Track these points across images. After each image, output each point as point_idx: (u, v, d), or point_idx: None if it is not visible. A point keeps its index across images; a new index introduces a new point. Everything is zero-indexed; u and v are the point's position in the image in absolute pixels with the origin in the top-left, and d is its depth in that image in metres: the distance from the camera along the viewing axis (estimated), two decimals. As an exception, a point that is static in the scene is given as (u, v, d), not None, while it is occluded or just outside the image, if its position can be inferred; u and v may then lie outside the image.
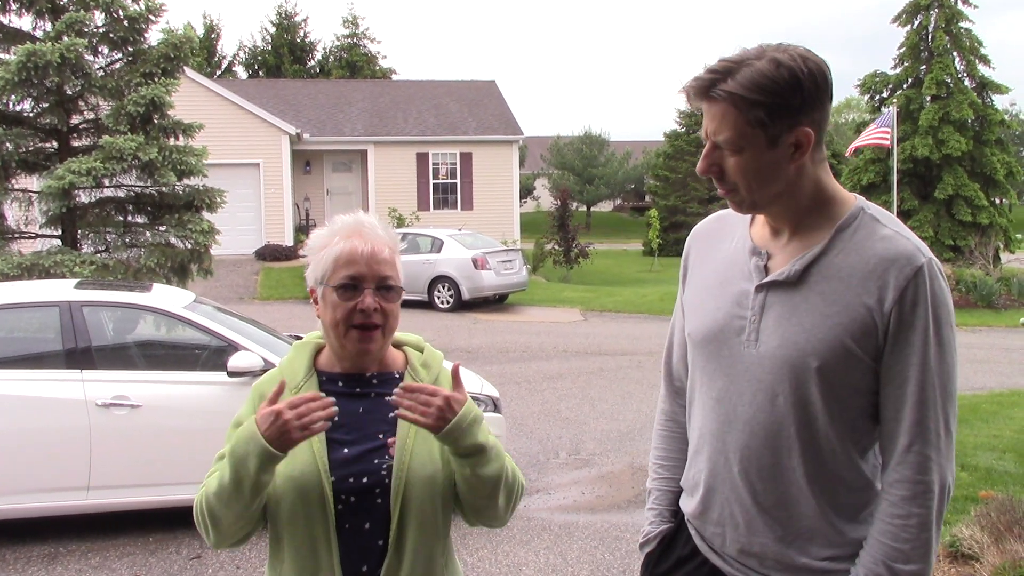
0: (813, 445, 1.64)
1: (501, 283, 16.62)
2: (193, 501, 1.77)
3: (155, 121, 10.80)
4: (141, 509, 5.21)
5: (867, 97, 30.90)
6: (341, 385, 1.80)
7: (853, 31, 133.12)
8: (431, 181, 25.43)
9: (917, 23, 28.20)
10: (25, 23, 11.41)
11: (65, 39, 10.06)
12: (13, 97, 10.57)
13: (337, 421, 1.76)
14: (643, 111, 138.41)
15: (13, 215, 11.10)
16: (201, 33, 39.57)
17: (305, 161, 25.46)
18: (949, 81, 27.35)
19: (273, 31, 42.19)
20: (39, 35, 10.81)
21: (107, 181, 10.57)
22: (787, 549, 1.68)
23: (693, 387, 1.84)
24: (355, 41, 43.02)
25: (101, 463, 4.98)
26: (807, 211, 1.67)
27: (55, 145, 10.96)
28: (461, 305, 16.12)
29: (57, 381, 5.03)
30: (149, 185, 10.96)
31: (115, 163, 10.18)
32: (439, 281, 16.20)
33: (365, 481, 1.73)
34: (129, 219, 11.15)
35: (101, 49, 11.16)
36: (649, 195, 42.38)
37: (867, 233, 1.62)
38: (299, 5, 70.92)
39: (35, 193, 10.78)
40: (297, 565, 1.74)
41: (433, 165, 25.45)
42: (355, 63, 41.52)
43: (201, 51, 34.87)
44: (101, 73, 10.98)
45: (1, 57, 10.68)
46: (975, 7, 27.85)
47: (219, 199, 11.24)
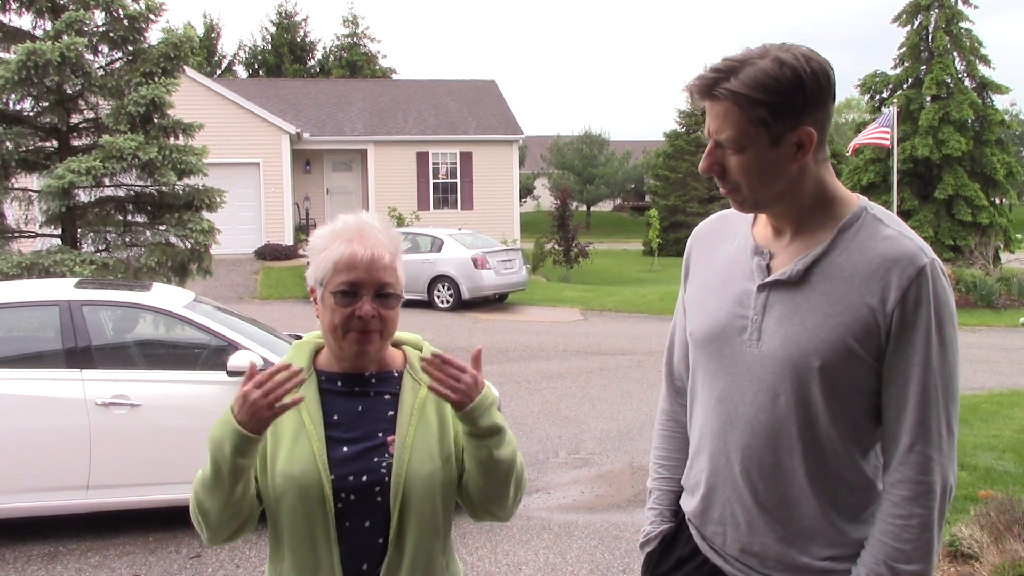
0: (815, 445, 1.63)
1: (501, 283, 16.61)
2: None
3: (155, 120, 10.80)
4: (141, 508, 5.21)
5: (867, 97, 30.94)
6: (340, 384, 1.80)
7: (853, 31, 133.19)
8: (431, 181, 25.42)
9: (917, 23, 28.23)
10: (25, 22, 11.46)
11: (65, 38, 10.05)
12: (13, 96, 10.56)
13: (337, 420, 1.77)
14: (643, 111, 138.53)
15: (13, 214, 11.10)
16: (201, 32, 39.56)
17: (305, 160, 25.45)
18: (949, 81, 27.36)
19: (273, 30, 42.20)
20: (39, 34, 10.80)
21: (107, 180, 10.57)
22: (788, 549, 1.67)
23: (694, 387, 1.83)
24: (355, 41, 43.02)
25: (101, 462, 4.98)
26: (809, 211, 1.67)
27: (55, 144, 10.95)
28: (461, 305, 16.11)
29: (57, 380, 5.03)
30: (149, 184, 10.95)
31: (115, 162, 10.17)
32: (439, 281, 16.19)
33: (365, 479, 1.73)
34: (129, 218, 11.14)
35: (101, 48, 11.14)
36: (649, 195, 42.39)
37: (870, 233, 1.62)
38: (299, 4, 70.88)
39: (35, 192, 10.77)
40: (297, 564, 1.74)
41: (433, 165, 25.44)
42: (355, 63, 41.52)
43: (201, 50, 34.86)
44: (101, 72, 10.97)
45: (1, 56, 10.68)
46: (975, 7, 27.88)
47: (219, 199, 11.23)
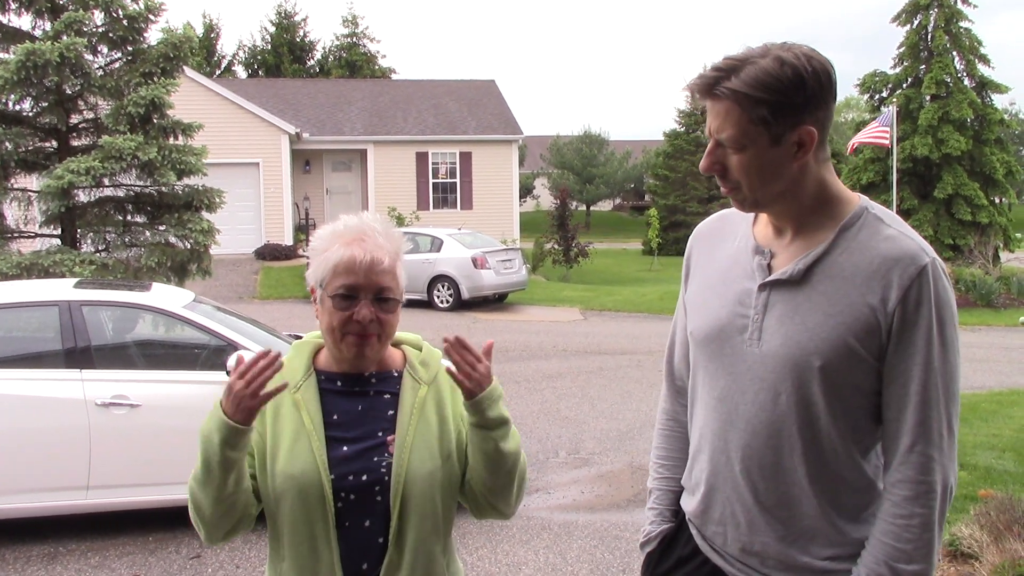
0: (815, 444, 1.63)
1: (501, 282, 16.61)
2: None
3: (155, 121, 10.79)
4: (141, 508, 5.21)
5: (867, 96, 30.93)
6: (340, 384, 1.81)
7: (853, 31, 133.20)
8: (431, 180, 25.42)
9: (917, 23, 28.22)
10: (24, 22, 11.43)
11: (64, 38, 10.04)
12: (12, 96, 10.56)
13: (337, 420, 1.77)
14: (643, 111, 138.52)
15: (12, 214, 11.09)
16: (200, 32, 39.55)
17: (305, 160, 25.45)
18: (949, 80, 27.36)
19: (273, 30, 42.18)
20: (38, 34, 10.79)
21: (107, 181, 10.55)
22: (789, 548, 1.67)
23: (695, 386, 1.83)
24: (355, 40, 43.00)
25: (100, 463, 4.97)
26: (810, 210, 1.66)
27: (54, 144, 10.94)
28: (461, 304, 16.11)
29: (56, 380, 5.03)
30: (149, 185, 10.94)
31: (114, 163, 10.16)
32: (439, 280, 16.19)
33: (365, 479, 1.73)
34: (129, 219, 11.13)
35: (100, 48, 11.13)
36: (649, 194, 42.37)
37: (871, 232, 1.62)
38: (299, 4, 70.84)
39: (34, 192, 10.76)
40: (297, 563, 1.74)
41: (433, 164, 25.44)
42: (355, 62, 41.51)
43: (200, 50, 34.79)
44: (100, 72, 10.96)
45: (0, 56, 10.67)
46: (974, 7, 27.88)
47: (218, 199, 11.22)
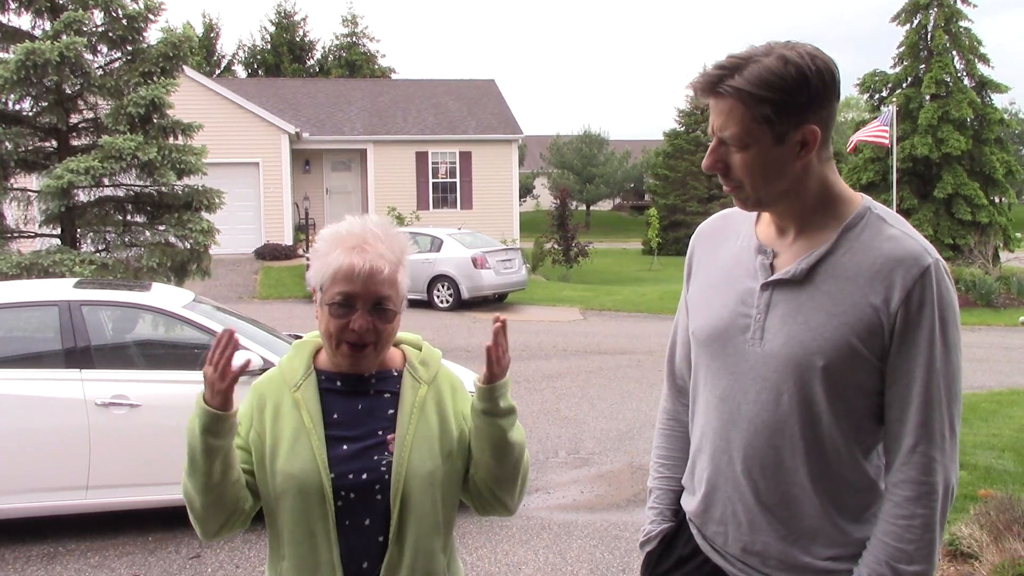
0: (817, 444, 1.63)
1: (500, 282, 16.61)
2: None
3: (154, 121, 10.79)
4: (140, 508, 5.21)
5: (866, 96, 30.94)
6: (340, 384, 1.81)
7: (853, 30, 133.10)
8: (430, 180, 25.42)
9: (916, 22, 28.22)
10: (24, 22, 11.42)
11: (64, 38, 10.04)
12: (12, 96, 10.56)
13: (337, 419, 1.77)
14: (643, 110, 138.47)
15: (12, 214, 11.09)
16: (200, 32, 39.55)
17: (304, 160, 25.45)
18: (948, 80, 27.36)
19: (272, 30, 42.19)
20: (38, 34, 10.79)
21: (106, 180, 10.56)
22: (790, 548, 1.67)
23: (696, 385, 1.83)
24: (354, 40, 43.00)
25: (100, 462, 4.97)
26: (813, 210, 1.66)
27: (54, 144, 10.95)
28: (460, 304, 16.11)
29: (56, 380, 5.03)
30: (148, 184, 10.95)
31: (114, 162, 10.17)
32: (438, 280, 16.19)
33: (365, 477, 1.74)
34: (128, 218, 11.14)
35: (100, 48, 11.13)
36: (648, 194, 42.36)
37: (874, 233, 1.62)
38: (298, 4, 70.70)
39: (34, 192, 10.76)
40: (297, 562, 1.74)
41: (432, 164, 25.43)
42: (354, 62, 41.51)
43: (200, 50, 34.77)
44: (100, 72, 10.96)
45: (0, 56, 10.67)
46: (974, 6, 27.88)
47: (218, 199, 11.23)
